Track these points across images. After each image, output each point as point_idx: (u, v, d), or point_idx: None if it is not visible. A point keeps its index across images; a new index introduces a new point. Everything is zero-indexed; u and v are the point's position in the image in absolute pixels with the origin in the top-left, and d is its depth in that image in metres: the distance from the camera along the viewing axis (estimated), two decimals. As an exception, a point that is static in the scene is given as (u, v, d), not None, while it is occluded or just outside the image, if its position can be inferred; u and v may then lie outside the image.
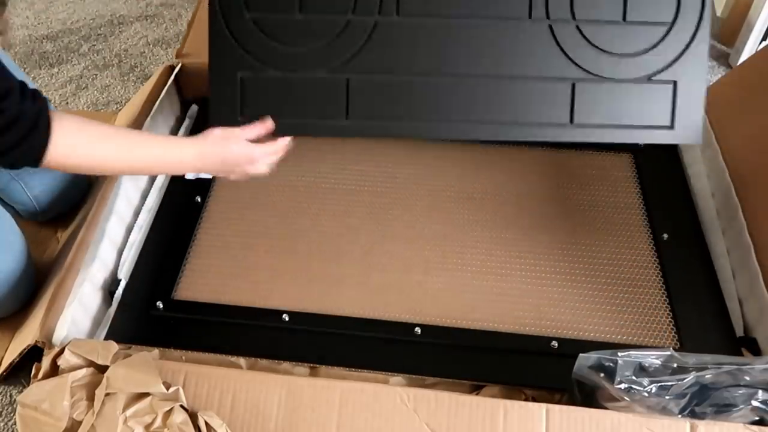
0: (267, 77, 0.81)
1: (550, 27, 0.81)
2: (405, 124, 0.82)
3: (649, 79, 0.81)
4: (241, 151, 0.77)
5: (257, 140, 0.79)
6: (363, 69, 0.81)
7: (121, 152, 0.70)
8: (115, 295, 0.83)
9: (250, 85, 0.81)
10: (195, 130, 1.05)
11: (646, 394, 0.61)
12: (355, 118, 0.81)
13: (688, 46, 0.81)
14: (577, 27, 0.81)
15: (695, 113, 0.81)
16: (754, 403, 0.61)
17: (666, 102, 0.81)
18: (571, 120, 0.81)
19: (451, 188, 0.96)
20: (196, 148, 0.75)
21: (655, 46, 0.81)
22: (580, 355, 0.63)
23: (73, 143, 0.67)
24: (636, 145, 1.00)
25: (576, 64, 0.81)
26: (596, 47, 0.81)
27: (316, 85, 0.81)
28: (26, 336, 0.74)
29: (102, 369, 0.68)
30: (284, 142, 0.80)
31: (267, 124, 0.80)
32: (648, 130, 0.82)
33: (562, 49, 0.81)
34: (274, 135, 0.81)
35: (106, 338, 0.77)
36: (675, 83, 0.81)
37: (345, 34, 0.81)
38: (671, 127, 0.81)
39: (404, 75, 0.81)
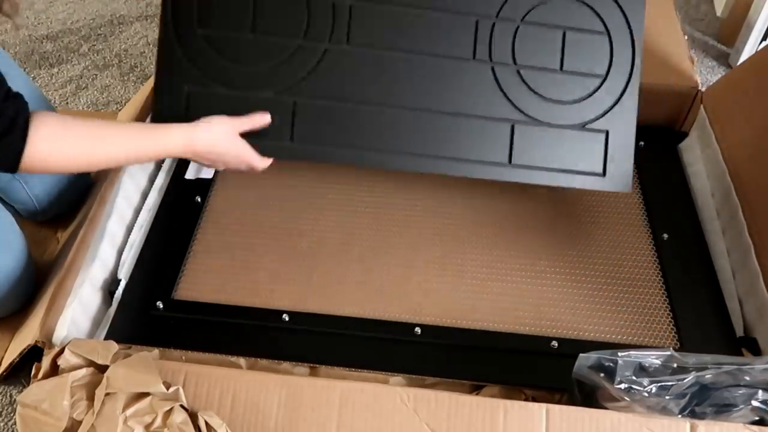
0: (213, 93, 0.82)
1: (493, 69, 0.84)
2: (348, 151, 0.83)
3: (583, 126, 0.84)
4: (230, 147, 0.77)
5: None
6: (310, 93, 0.83)
7: (109, 149, 0.70)
8: (115, 295, 0.83)
9: (195, 99, 0.82)
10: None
11: (646, 394, 0.61)
12: (299, 141, 0.82)
13: (619, 98, 0.85)
14: (518, 72, 0.84)
15: (626, 162, 0.85)
16: (754, 403, 0.61)
17: (599, 150, 0.84)
18: (510, 160, 0.83)
19: (452, 189, 0.96)
20: (185, 136, 0.75)
21: (589, 95, 0.85)
22: (580, 355, 0.63)
23: (55, 145, 0.66)
24: (636, 145, 1.00)
25: (515, 106, 0.84)
26: (535, 92, 0.84)
27: (262, 105, 0.82)
28: (26, 336, 0.74)
29: (102, 369, 0.68)
30: (268, 162, 0.81)
31: (264, 118, 0.81)
32: (582, 175, 0.84)
33: (503, 91, 0.84)
34: None
35: (106, 338, 0.77)
36: (607, 132, 0.84)
37: (294, 57, 0.83)
38: (603, 174, 0.84)
39: (350, 103, 0.83)
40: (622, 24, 0.85)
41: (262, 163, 0.81)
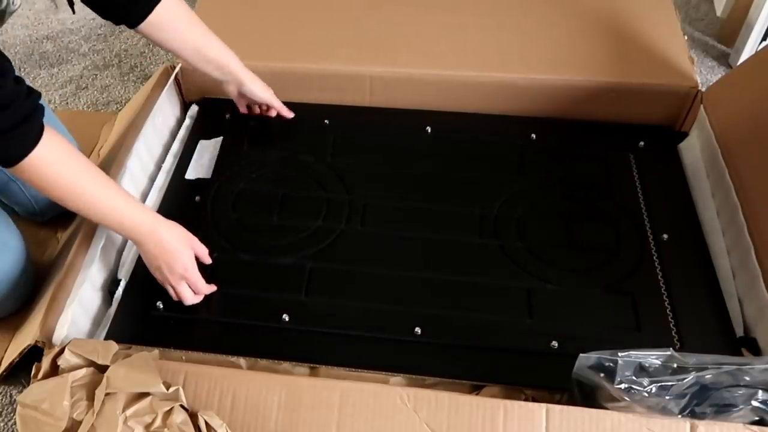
0: (239, 259, 0.86)
1: (500, 246, 0.87)
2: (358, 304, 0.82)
3: (604, 289, 0.83)
4: (186, 258, 0.78)
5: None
6: (325, 259, 0.86)
7: (90, 188, 0.70)
8: (115, 295, 0.83)
9: (222, 262, 0.85)
10: (195, 130, 1.05)
11: (646, 394, 0.61)
12: (312, 294, 0.83)
13: (637, 267, 0.85)
14: (527, 249, 0.87)
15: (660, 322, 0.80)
16: (754, 403, 0.61)
17: (628, 309, 0.81)
18: (530, 317, 0.80)
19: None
20: (154, 221, 0.76)
21: (604, 264, 0.86)
22: (580, 355, 0.63)
23: (55, 158, 0.66)
24: (636, 145, 1.00)
25: (530, 274, 0.84)
26: (546, 262, 0.86)
27: (281, 268, 0.85)
28: (26, 336, 0.74)
29: (102, 369, 0.68)
30: (212, 289, 0.81)
31: (206, 258, 0.82)
32: (612, 335, 0.79)
33: (515, 263, 0.86)
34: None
35: (106, 338, 0.77)
36: (633, 295, 0.82)
37: (312, 236, 0.89)
38: (638, 330, 0.79)
39: (362, 268, 0.85)
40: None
41: (207, 288, 0.81)
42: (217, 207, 0.92)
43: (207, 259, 0.82)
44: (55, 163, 0.66)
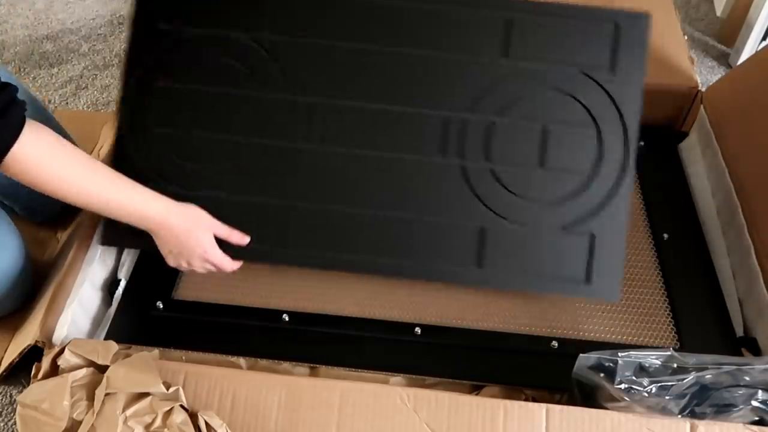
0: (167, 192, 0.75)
1: (463, 168, 0.78)
2: (312, 253, 0.79)
3: (564, 229, 0.78)
4: (203, 241, 0.75)
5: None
6: (270, 194, 0.79)
7: (92, 187, 0.67)
8: (115, 295, 0.83)
9: None
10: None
11: (646, 394, 0.61)
12: (259, 242, 0.78)
13: (608, 198, 0.78)
14: (492, 170, 0.78)
15: (614, 270, 0.77)
16: (754, 403, 0.61)
17: (582, 255, 0.77)
18: (479, 264, 0.77)
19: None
20: (163, 209, 0.72)
21: (573, 195, 0.78)
22: (580, 355, 0.63)
23: (40, 153, 0.63)
24: (635, 144, 1.00)
25: (488, 206, 0.78)
26: (510, 191, 0.78)
27: (218, 205, 0.78)
28: (26, 336, 0.74)
29: (102, 369, 0.68)
30: (237, 265, 0.79)
31: (244, 238, 0.78)
32: (562, 282, 0.78)
33: (473, 191, 0.78)
34: None
35: (106, 338, 0.77)
36: (592, 236, 0.77)
37: (256, 157, 0.79)
38: (587, 281, 0.77)
39: (314, 204, 0.79)
40: (612, 114, 0.78)
41: (232, 265, 0.79)
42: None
43: (235, 239, 0.78)
44: (40, 158, 0.64)
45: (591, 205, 0.78)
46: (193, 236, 0.74)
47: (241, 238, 0.78)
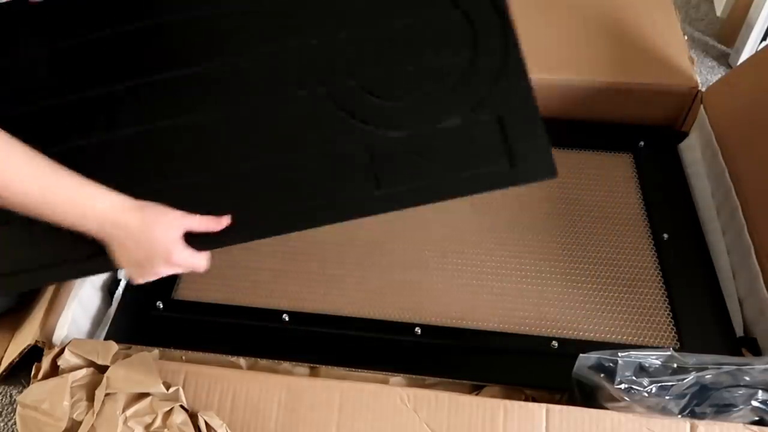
0: None
1: (329, 93, 0.69)
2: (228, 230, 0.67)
3: (462, 119, 0.67)
4: (166, 240, 0.61)
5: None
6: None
7: (13, 174, 0.55)
8: (115, 295, 0.83)
9: None
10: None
11: (646, 394, 0.61)
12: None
13: (499, 74, 0.68)
14: (359, 86, 0.68)
15: (540, 146, 0.66)
16: (754, 403, 0.62)
17: (494, 142, 0.66)
18: (378, 186, 0.66)
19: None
20: (114, 205, 0.59)
21: (457, 83, 0.68)
22: (580, 355, 0.63)
23: None
24: (636, 145, 1.00)
25: (365, 122, 0.67)
26: (383, 99, 0.68)
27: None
28: (26, 336, 0.74)
29: (102, 369, 0.68)
30: (208, 257, 0.66)
31: (221, 221, 0.64)
32: (482, 178, 0.66)
33: (346, 111, 0.68)
34: None
35: (106, 338, 0.77)
36: (500, 118, 0.67)
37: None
38: (512, 166, 0.66)
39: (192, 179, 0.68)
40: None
41: (204, 262, 0.65)
42: None
43: (210, 227, 0.64)
44: None
45: (483, 86, 0.67)
46: (154, 235, 0.60)
47: (217, 223, 0.65)
